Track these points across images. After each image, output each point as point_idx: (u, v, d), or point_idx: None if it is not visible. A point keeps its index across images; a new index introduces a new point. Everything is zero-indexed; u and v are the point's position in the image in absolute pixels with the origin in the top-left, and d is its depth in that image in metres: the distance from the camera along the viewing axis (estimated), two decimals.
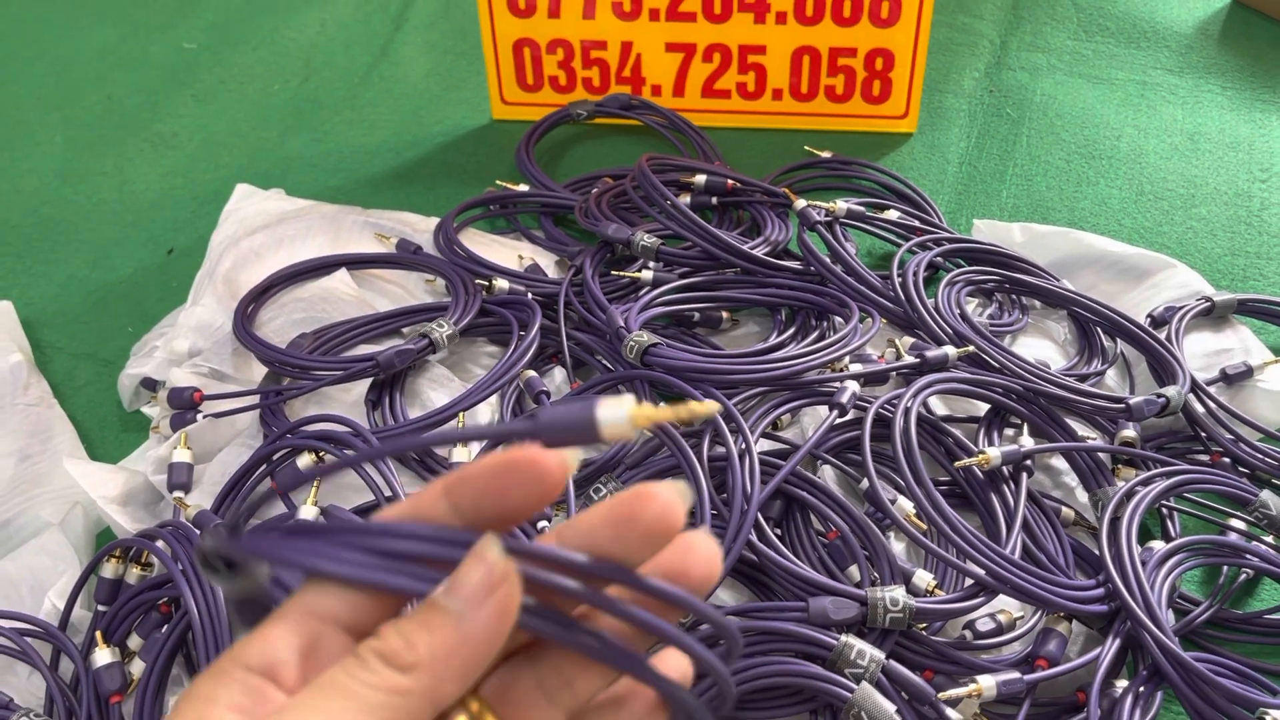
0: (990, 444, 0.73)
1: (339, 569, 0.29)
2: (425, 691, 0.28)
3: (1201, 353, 0.84)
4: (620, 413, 0.29)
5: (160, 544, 0.67)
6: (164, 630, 0.64)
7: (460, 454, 0.74)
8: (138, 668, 0.64)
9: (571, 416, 0.29)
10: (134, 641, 0.65)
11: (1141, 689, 0.61)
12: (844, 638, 0.59)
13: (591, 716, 0.32)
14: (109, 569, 0.68)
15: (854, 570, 0.66)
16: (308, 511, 0.69)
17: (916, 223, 0.93)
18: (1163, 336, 0.81)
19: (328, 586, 0.29)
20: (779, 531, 0.69)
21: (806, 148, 1.06)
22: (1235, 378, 0.81)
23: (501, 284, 0.86)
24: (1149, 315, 0.85)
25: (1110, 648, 0.62)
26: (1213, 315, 0.86)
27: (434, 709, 0.28)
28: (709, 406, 0.32)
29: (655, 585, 0.30)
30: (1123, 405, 0.73)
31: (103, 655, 0.63)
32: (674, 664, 0.32)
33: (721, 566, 0.31)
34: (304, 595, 0.29)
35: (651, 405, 0.29)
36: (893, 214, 0.93)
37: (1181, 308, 0.84)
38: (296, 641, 0.28)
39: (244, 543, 0.30)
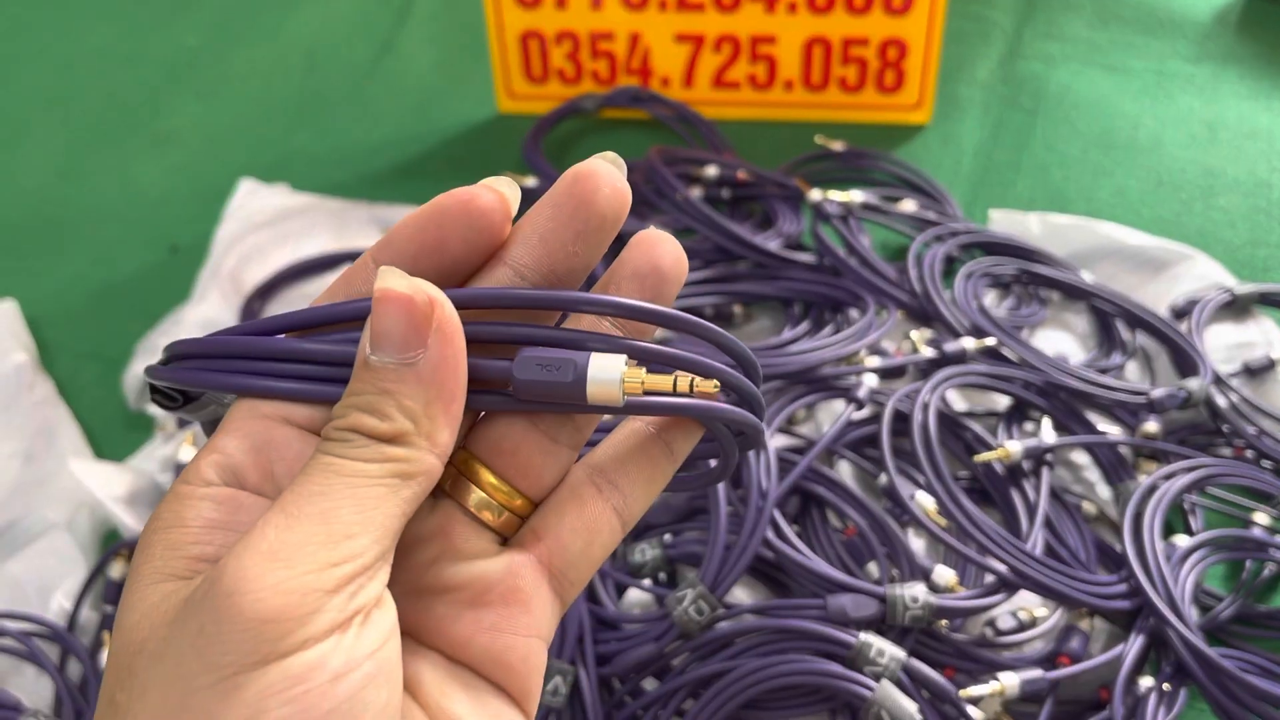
0: (1010, 438, 0.72)
1: (274, 386, 0.27)
2: (423, 454, 0.25)
3: (1223, 345, 0.83)
4: (612, 374, 0.26)
5: None
6: None
7: None
8: None
9: (557, 377, 0.26)
10: None
11: (1166, 686, 0.60)
12: (863, 635, 0.57)
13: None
14: (116, 569, 0.67)
15: (873, 567, 0.65)
16: None
17: (932, 214, 0.92)
18: (1184, 329, 0.80)
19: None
20: (796, 528, 0.68)
21: (818, 139, 1.05)
22: (1258, 370, 0.79)
23: None
24: (1170, 307, 0.84)
25: (1134, 644, 0.61)
26: (1234, 307, 0.84)
27: (441, 462, 0.26)
28: (710, 384, 0.28)
29: (636, 305, 0.28)
30: (1145, 398, 0.72)
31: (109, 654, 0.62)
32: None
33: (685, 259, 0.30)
34: (245, 401, 0.27)
35: (644, 371, 0.27)
36: (908, 206, 0.92)
37: (1202, 299, 0.82)
38: (247, 444, 0.26)
39: (179, 374, 0.28)
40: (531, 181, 1.00)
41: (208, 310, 0.85)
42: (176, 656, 0.23)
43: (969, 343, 0.75)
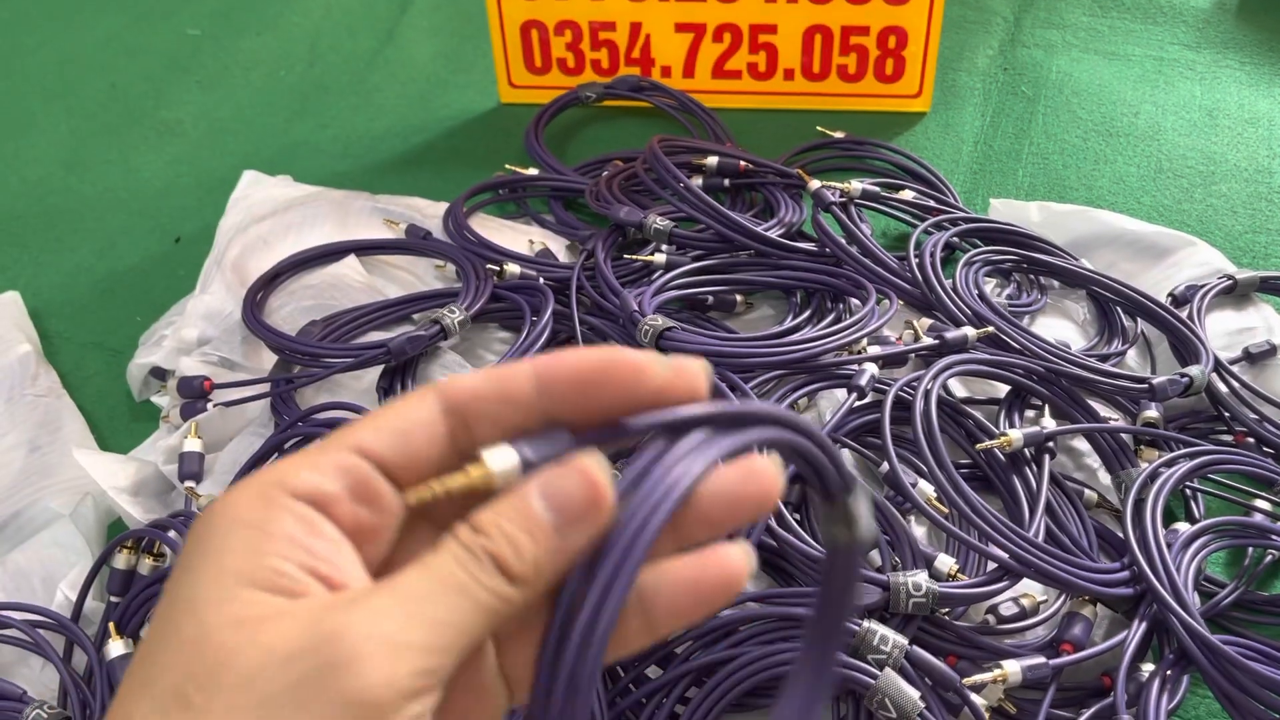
0: (1011, 426, 0.72)
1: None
2: (524, 601, 0.26)
3: (1224, 331, 0.83)
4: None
5: (172, 534, 0.66)
6: None
7: None
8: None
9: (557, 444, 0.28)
10: (147, 633, 0.65)
11: (1168, 672, 0.60)
12: (866, 623, 0.58)
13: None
14: (121, 560, 0.67)
15: (875, 555, 0.65)
16: None
17: (932, 203, 0.92)
18: (1184, 315, 0.80)
19: (380, 424, 0.27)
20: (798, 516, 0.68)
21: (819, 128, 1.05)
22: (1258, 356, 0.80)
23: (513, 269, 0.85)
24: (1170, 294, 0.84)
25: (1136, 631, 0.61)
26: (1235, 293, 0.84)
27: (523, 614, 0.27)
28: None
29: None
30: (1145, 385, 0.72)
31: (116, 647, 0.62)
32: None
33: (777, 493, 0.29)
34: (353, 431, 0.28)
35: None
36: (908, 194, 0.92)
37: (1203, 286, 0.83)
38: (344, 479, 0.27)
39: None
40: (533, 171, 1.00)
41: (211, 301, 0.85)
42: (273, 696, 0.23)
43: (970, 331, 0.75)
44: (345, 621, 0.24)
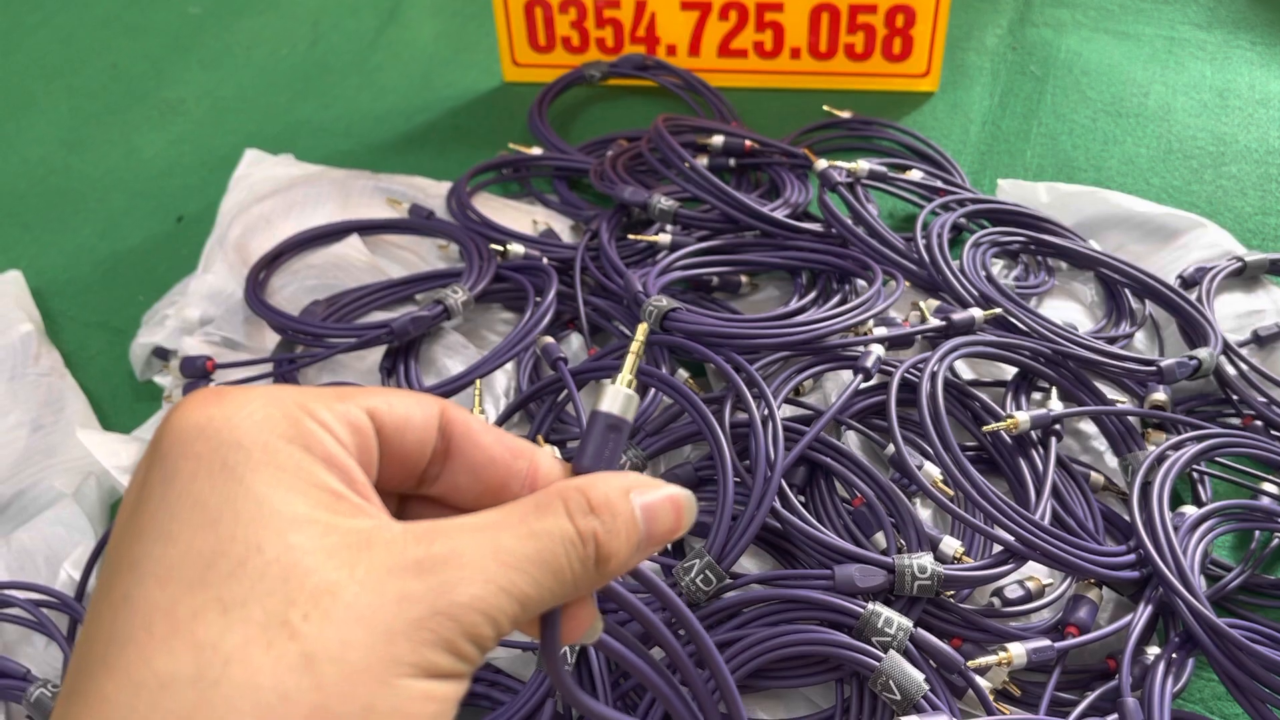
0: (1018, 408, 0.72)
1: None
2: (594, 586, 0.28)
3: (1233, 314, 0.82)
4: (621, 393, 0.33)
5: None
6: None
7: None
8: None
9: (603, 437, 0.32)
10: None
11: (1174, 656, 0.59)
12: (871, 605, 0.58)
13: None
14: None
15: (880, 537, 0.65)
16: None
17: (939, 183, 0.91)
18: (1193, 298, 0.79)
19: (392, 403, 0.28)
20: (803, 498, 0.68)
21: (826, 108, 1.04)
22: (1267, 339, 0.79)
23: (516, 249, 0.85)
24: (1179, 276, 0.83)
25: (1142, 614, 0.61)
26: (1244, 276, 0.84)
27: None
28: (640, 332, 0.36)
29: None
30: (1154, 368, 0.72)
31: None
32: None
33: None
34: (369, 395, 0.28)
35: (625, 373, 0.33)
36: (915, 174, 0.91)
37: (1212, 268, 0.82)
38: (353, 436, 0.27)
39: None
40: (536, 150, 0.99)
41: (214, 280, 0.85)
42: (387, 628, 0.23)
43: (977, 312, 0.75)
44: (455, 544, 0.25)
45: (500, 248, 0.85)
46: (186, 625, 0.22)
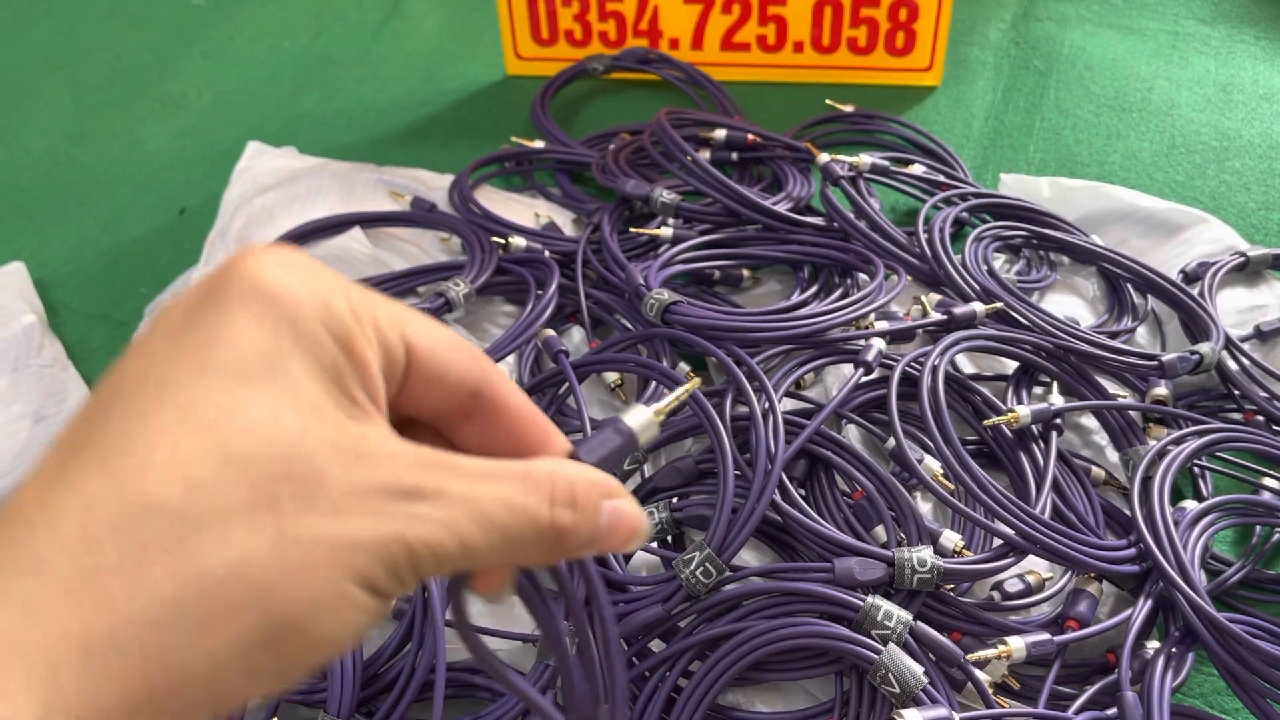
0: (1019, 402, 0.72)
1: None
2: (533, 565, 0.30)
3: (1235, 309, 0.82)
4: (648, 416, 0.34)
5: None
6: None
7: None
8: None
9: (613, 442, 0.33)
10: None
11: (1173, 650, 0.59)
12: (871, 599, 0.58)
13: None
14: None
15: (880, 531, 0.65)
16: None
17: (942, 178, 0.91)
18: (1195, 293, 0.79)
19: (436, 339, 0.29)
20: (803, 492, 0.68)
21: (828, 101, 1.04)
22: (1270, 334, 0.79)
23: (518, 242, 0.85)
24: (1181, 271, 0.83)
25: (1142, 609, 0.61)
26: (1246, 271, 0.84)
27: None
28: (691, 384, 0.39)
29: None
30: (1156, 363, 0.72)
31: None
32: None
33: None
34: (413, 322, 0.29)
35: (662, 404, 0.35)
36: (917, 169, 0.91)
37: (1215, 263, 0.82)
38: (382, 354, 0.28)
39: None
40: (539, 143, 0.99)
41: None
42: (356, 529, 0.25)
43: (978, 306, 0.75)
44: (426, 484, 0.26)
45: (502, 241, 0.85)
46: (189, 459, 0.23)
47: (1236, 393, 0.74)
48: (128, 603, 0.22)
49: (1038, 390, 0.75)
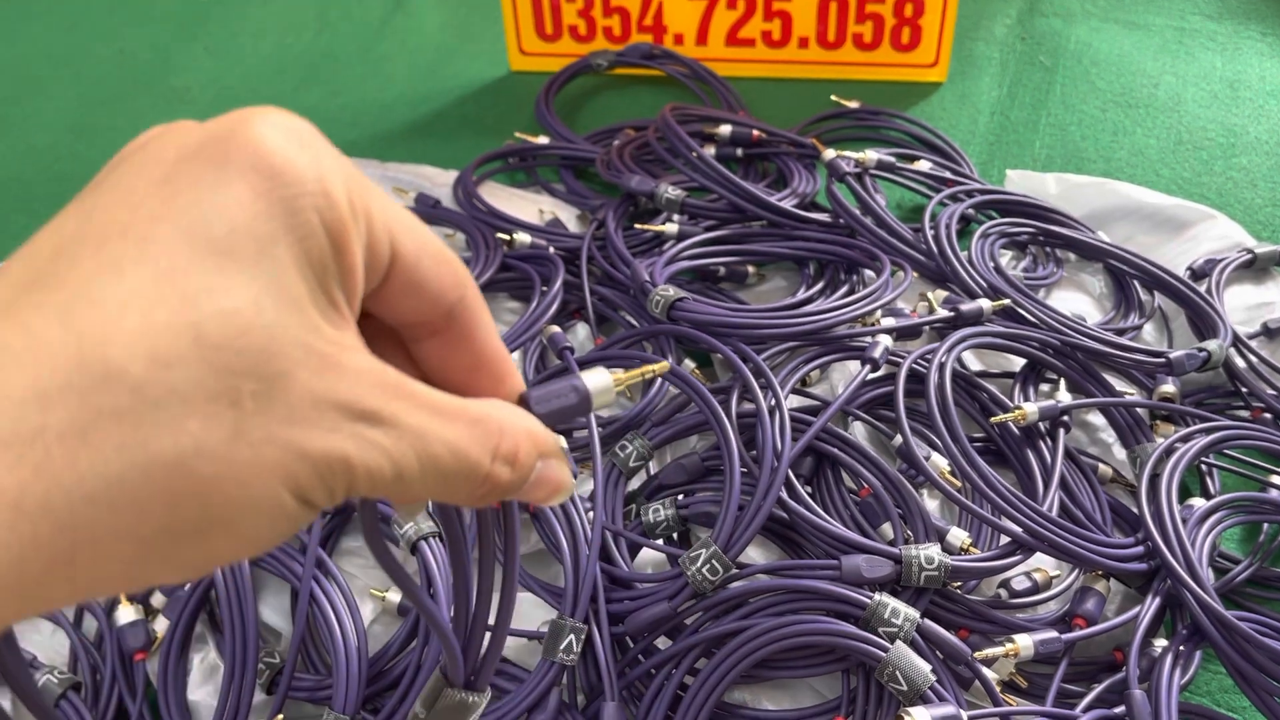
0: (1026, 399, 0.72)
1: None
2: (464, 502, 0.29)
3: (1242, 306, 0.82)
4: (607, 381, 0.33)
5: None
6: (187, 588, 0.64)
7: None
8: (161, 625, 0.64)
9: (565, 398, 0.32)
10: (157, 599, 0.65)
11: (1181, 648, 0.59)
12: (878, 596, 0.57)
13: None
14: None
15: (887, 528, 0.65)
16: None
17: (948, 174, 0.91)
18: (1203, 289, 0.79)
19: (421, 244, 0.28)
20: (810, 489, 0.68)
21: (834, 97, 1.04)
22: (1277, 331, 0.79)
23: (523, 238, 0.84)
24: (1188, 268, 0.83)
25: (1149, 606, 0.61)
26: (1254, 268, 0.83)
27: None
28: (660, 366, 0.38)
29: None
30: (1163, 360, 0.71)
31: (126, 613, 0.63)
32: None
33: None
34: (400, 219, 0.28)
35: (625, 375, 0.34)
36: (923, 165, 0.91)
37: (1222, 260, 0.82)
38: (371, 249, 0.27)
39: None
40: (543, 139, 0.99)
41: None
42: (310, 440, 0.24)
43: (985, 303, 0.74)
44: (378, 408, 0.25)
45: (506, 237, 0.84)
46: (158, 331, 0.22)
47: (1244, 390, 0.74)
48: (69, 472, 0.21)
49: (1045, 387, 0.75)
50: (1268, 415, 0.73)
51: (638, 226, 0.86)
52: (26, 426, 0.21)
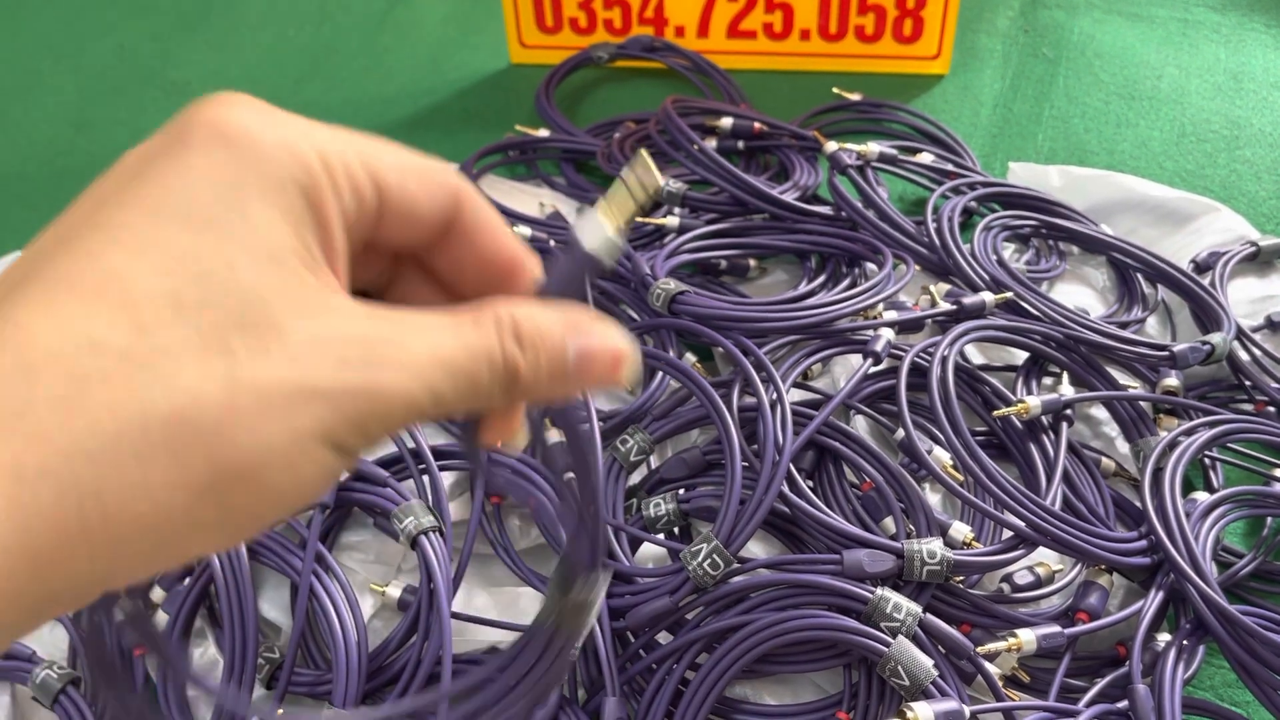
0: (1029, 393, 0.71)
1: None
2: (510, 405, 0.29)
3: (1246, 299, 0.81)
4: (603, 232, 0.31)
5: None
6: (186, 583, 0.64)
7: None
8: (160, 620, 0.64)
9: (572, 270, 0.31)
10: (156, 594, 0.65)
11: (1184, 642, 0.59)
12: (879, 591, 0.57)
13: None
14: None
15: (889, 522, 0.64)
16: None
17: (950, 166, 0.90)
18: (1206, 282, 0.78)
19: (405, 169, 0.28)
20: (811, 483, 0.68)
21: (835, 90, 1.03)
22: None
23: (523, 231, 0.84)
24: (1192, 261, 0.83)
25: (1153, 601, 0.60)
26: (1258, 260, 0.83)
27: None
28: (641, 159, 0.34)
29: None
30: (1167, 353, 0.71)
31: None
32: None
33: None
34: (376, 154, 0.28)
35: (614, 208, 0.31)
36: (925, 158, 0.91)
37: (1226, 253, 0.81)
38: (352, 197, 0.27)
39: None
40: (544, 132, 0.99)
41: None
42: (310, 381, 0.24)
43: (987, 296, 0.74)
44: (388, 335, 0.25)
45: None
46: (137, 303, 0.22)
47: (1248, 383, 0.74)
48: (62, 433, 0.21)
49: (1047, 381, 0.74)
50: (1271, 409, 0.72)
51: (639, 219, 0.86)
52: (13, 400, 0.21)
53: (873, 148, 0.86)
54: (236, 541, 0.24)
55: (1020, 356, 0.75)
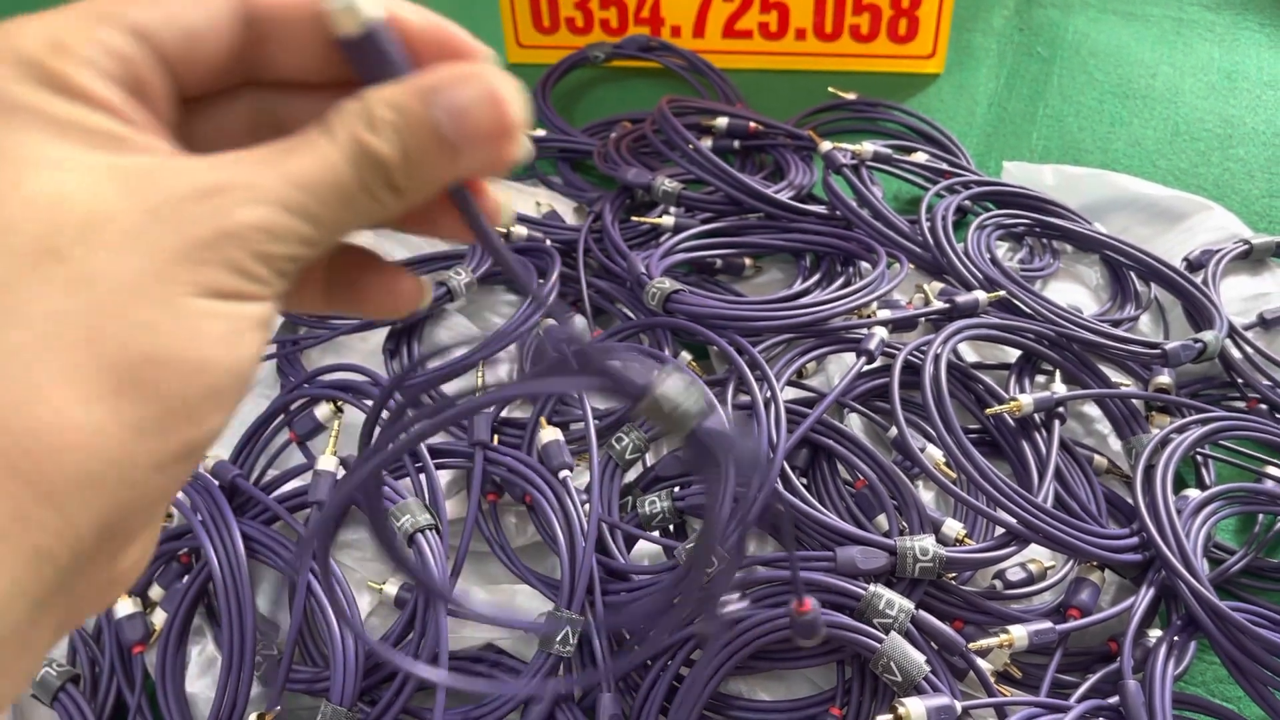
0: (1022, 391, 0.72)
1: None
2: (406, 197, 0.26)
3: (1238, 297, 0.82)
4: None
5: (179, 495, 0.66)
6: (185, 581, 0.64)
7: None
8: (159, 618, 0.64)
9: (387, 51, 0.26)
10: (155, 592, 0.65)
11: (1175, 638, 0.59)
12: (872, 587, 0.58)
13: None
14: None
15: (882, 519, 0.65)
16: (327, 462, 0.68)
17: (944, 165, 0.91)
18: (1199, 280, 0.79)
19: (170, 10, 0.25)
20: (805, 481, 0.68)
21: (831, 89, 1.03)
22: (1273, 322, 0.79)
23: (519, 231, 0.84)
24: (1185, 259, 0.83)
25: (1144, 597, 0.61)
26: (1250, 259, 0.83)
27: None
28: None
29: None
30: (1159, 351, 0.71)
31: (124, 606, 0.63)
32: None
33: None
34: (133, 6, 0.25)
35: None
36: (920, 157, 0.91)
37: (1218, 251, 0.82)
38: (121, 67, 0.24)
39: None
40: (540, 132, 0.99)
41: None
42: (161, 246, 0.22)
43: (981, 295, 0.74)
44: (230, 178, 0.23)
45: (503, 229, 0.84)
46: None
47: (1240, 381, 0.74)
48: None
49: (1040, 379, 0.75)
50: (1263, 406, 0.73)
51: (634, 219, 0.86)
52: None
53: (867, 147, 0.86)
54: (201, 432, 0.23)
55: (1013, 354, 0.75)
